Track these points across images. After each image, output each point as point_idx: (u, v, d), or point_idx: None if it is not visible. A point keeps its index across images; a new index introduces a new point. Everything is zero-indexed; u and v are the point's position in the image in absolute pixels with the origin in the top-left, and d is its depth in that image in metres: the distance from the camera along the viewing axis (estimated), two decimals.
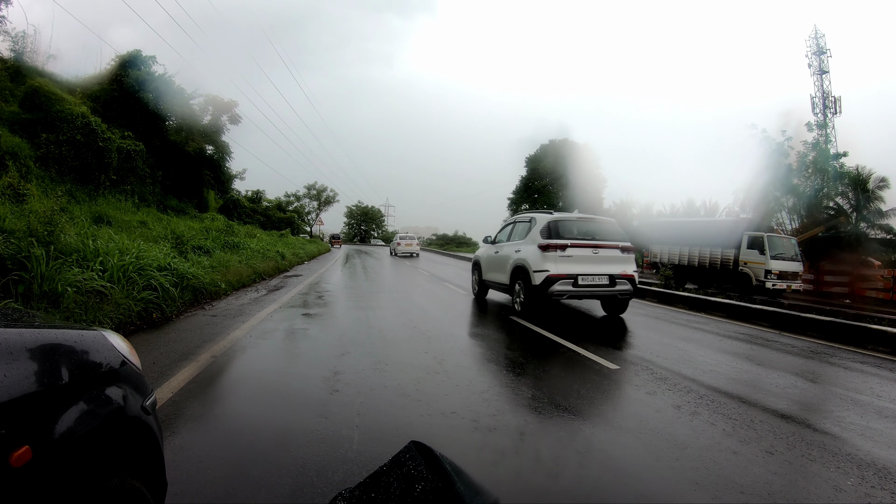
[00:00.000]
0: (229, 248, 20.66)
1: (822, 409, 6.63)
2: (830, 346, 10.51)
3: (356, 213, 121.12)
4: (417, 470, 0.96)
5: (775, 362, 8.92)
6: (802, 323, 12.46)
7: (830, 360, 9.37)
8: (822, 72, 43.39)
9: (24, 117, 20.50)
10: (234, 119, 36.79)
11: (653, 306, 16.78)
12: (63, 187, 17.28)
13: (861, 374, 8.40)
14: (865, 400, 6.81)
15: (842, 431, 5.53)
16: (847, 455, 4.82)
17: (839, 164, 39.99)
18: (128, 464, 2.19)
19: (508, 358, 8.26)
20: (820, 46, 43.64)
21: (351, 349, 8.18)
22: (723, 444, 4.94)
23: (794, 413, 6.09)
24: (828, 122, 42.88)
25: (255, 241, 25.97)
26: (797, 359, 9.29)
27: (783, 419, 5.81)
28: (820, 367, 8.84)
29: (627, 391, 6.65)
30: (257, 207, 55.82)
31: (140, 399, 2.36)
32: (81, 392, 1.96)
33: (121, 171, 24.17)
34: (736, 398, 6.50)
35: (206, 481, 3.66)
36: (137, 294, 9.55)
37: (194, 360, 6.93)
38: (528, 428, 5.14)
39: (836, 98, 43.14)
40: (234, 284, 15.03)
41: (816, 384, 7.80)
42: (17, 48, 26.67)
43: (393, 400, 5.77)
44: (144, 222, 19.05)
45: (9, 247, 8.00)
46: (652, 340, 10.28)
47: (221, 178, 38.83)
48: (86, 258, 9.63)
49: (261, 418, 5.11)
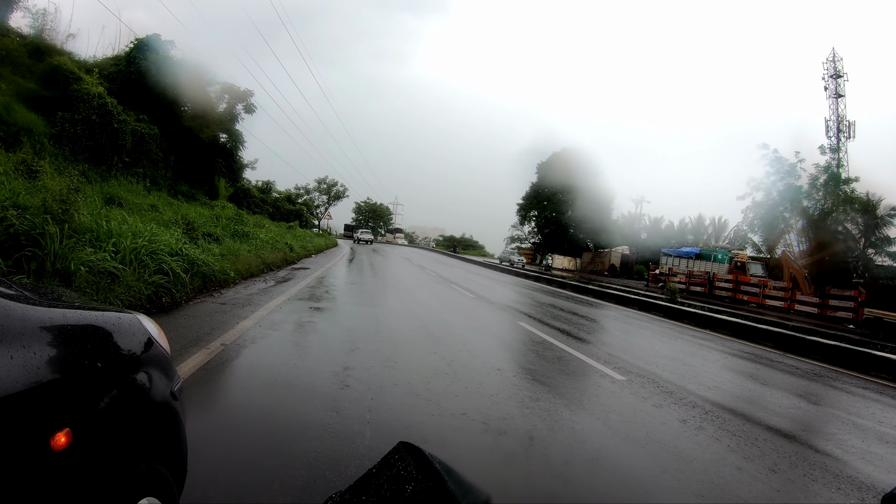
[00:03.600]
0: (239, 236, 20.62)
1: (825, 430, 6.69)
2: (834, 370, 10.56)
3: (364, 210, 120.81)
4: (407, 471, 0.96)
5: (779, 382, 8.97)
6: (806, 345, 12.50)
7: (833, 383, 9.41)
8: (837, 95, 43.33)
9: (42, 94, 20.46)
10: (249, 108, 36.79)
11: (659, 321, 16.82)
12: (78, 167, 17.34)
13: (863, 399, 8.44)
14: (867, 424, 6.87)
15: (843, 454, 5.58)
16: (848, 477, 4.88)
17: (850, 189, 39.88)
18: (155, 449, 2.21)
19: (517, 363, 8.30)
20: (837, 70, 43.54)
21: (360, 345, 8.21)
22: (727, 459, 5.00)
23: (796, 433, 6.15)
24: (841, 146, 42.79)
25: (264, 231, 25.88)
26: (801, 380, 9.33)
27: (786, 438, 5.87)
28: (823, 390, 8.89)
29: (634, 403, 6.67)
30: (267, 198, 55.74)
31: (169, 384, 2.37)
32: (118, 375, 1.97)
33: (134, 154, 24.19)
34: (740, 415, 6.56)
35: (220, 469, 3.69)
36: (149, 277, 9.56)
37: (204, 348, 6.92)
38: (536, 433, 5.18)
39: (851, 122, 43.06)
40: (243, 273, 15.04)
41: (819, 406, 7.86)
42: (37, 25, 26.59)
43: (403, 398, 5.81)
44: (155, 206, 19.04)
45: (23, 223, 7.97)
46: (658, 354, 10.33)
47: (233, 166, 38.78)
48: (99, 238, 9.60)
49: (272, 409, 5.12)
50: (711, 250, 49.46)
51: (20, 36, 24.45)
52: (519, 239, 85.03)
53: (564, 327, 12.28)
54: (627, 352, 10.24)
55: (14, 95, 18.00)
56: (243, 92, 36.19)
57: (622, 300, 22.10)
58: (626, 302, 21.71)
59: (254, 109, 37.02)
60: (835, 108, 42.78)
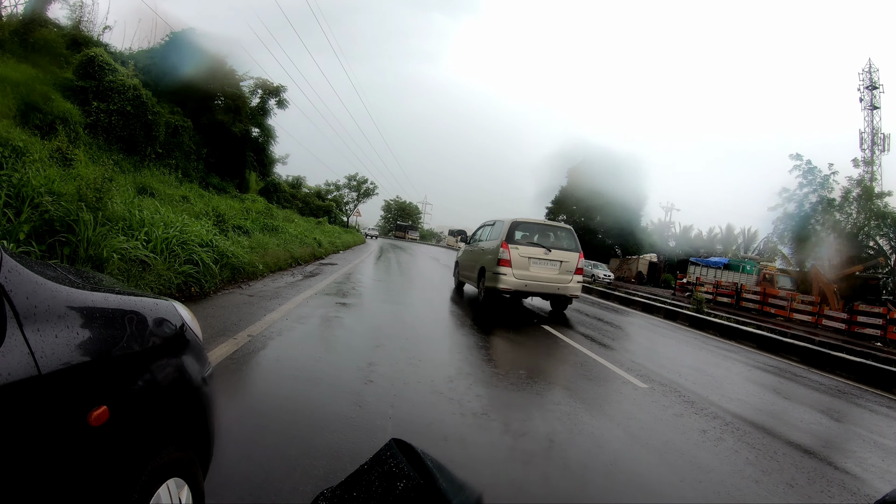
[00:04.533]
0: (268, 230, 20.85)
1: (845, 448, 6.64)
2: (858, 387, 10.44)
3: (393, 208, 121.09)
4: (399, 468, 0.97)
5: (802, 397, 8.90)
6: (832, 361, 12.37)
7: (857, 400, 9.31)
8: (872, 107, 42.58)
9: (77, 84, 20.74)
10: (282, 103, 36.93)
11: (684, 330, 16.71)
12: (112, 156, 17.59)
13: (886, 417, 8.36)
14: (889, 444, 6.80)
15: (862, 472, 5.55)
16: (866, 496, 4.86)
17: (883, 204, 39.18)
18: (184, 431, 2.30)
19: (540, 367, 8.35)
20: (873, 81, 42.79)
21: (385, 342, 8.31)
22: (745, 471, 5.00)
23: (816, 449, 6.12)
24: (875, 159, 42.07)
25: (294, 226, 26.15)
26: (824, 396, 9.26)
27: (805, 454, 5.85)
28: (846, 407, 8.80)
29: (655, 411, 6.68)
30: (297, 193, 55.87)
31: (200, 370, 2.47)
32: (153, 358, 2.05)
33: (167, 145, 24.53)
34: (761, 428, 6.54)
35: (243, 455, 3.77)
36: (179, 267, 9.75)
37: (231, 338, 7.06)
38: (556, 437, 5.24)
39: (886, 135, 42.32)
40: (271, 266, 15.23)
41: (841, 423, 7.80)
42: (74, 17, 26.98)
43: (426, 396, 5.89)
44: (186, 197, 19.23)
45: (58, 209, 8.13)
46: (682, 363, 10.31)
47: (264, 160, 39.01)
48: (131, 227, 9.81)
49: (296, 400, 5.21)
50: (740, 261, 49.03)
51: (58, 27, 24.88)
52: None
53: (589, 332, 12.27)
54: (651, 360, 10.21)
55: (51, 85, 18.27)
56: (276, 87, 36.37)
57: (648, 308, 21.93)
58: (651, 310, 21.54)
59: (286, 105, 37.21)
60: (870, 119, 42.10)
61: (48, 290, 1.56)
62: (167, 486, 2.04)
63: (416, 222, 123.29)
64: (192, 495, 2.29)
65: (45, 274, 1.62)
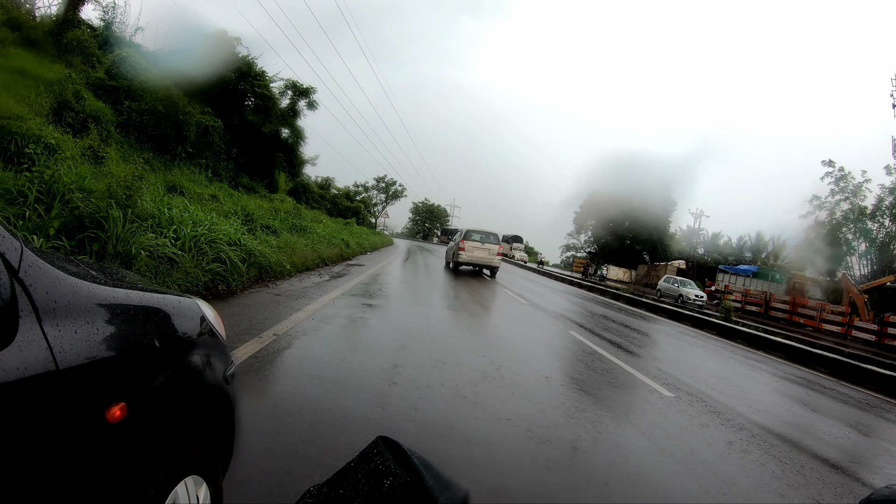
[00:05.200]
0: (296, 230, 21.06)
1: (873, 464, 6.53)
2: (888, 401, 10.27)
3: (422, 210, 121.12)
4: (385, 465, 0.96)
5: (830, 410, 8.77)
6: (861, 373, 12.18)
7: (886, 415, 9.16)
8: None
9: (109, 84, 21.07)
10: (312, 105, 37.24)
11: (712, 339, 16.58)
12: (143, 155, 17.84)
13: None
14: None
15: None
16: None
17: None
18: (204, 429, 2.32)
19: (567, 373, 8.28)
20: None
21: (410, 344, 8.32)
22: (771, 485, 4.95)
23: (844, 464, 6.03)
24: None
25: (322, 226, 26.35)
26: (853, 410, 9.11)
27: (833, 469, 5.76)
28: (875, 422, 8.65)
29: (681, 421, 6.62)
30: (325, 194, 56.24)
31: (223, 368, 2.48)
32: (174, 356, 2.07)
33: (197, 145, 24.89)
34: (788, 441, 6.46)
35: (264, 454, 3.80)
36: (206, 265, 9.85)
37: (257, 337, 7.11)
38: (580, 444, 5.21)
39: None
40: (299, 266, 15.34)
41: (869, 438, 7.66)
42: (107, 18, 27.67)
43: (450, 399, 5.88)
44: (216, 196, 19.45)
45: (88, 205, 8.24)
46: (709, 373, 10.21)
47: (293, 161, 39.34)
48: (160, 225, 9.95)
49: (319, 400, 5.21)
50: (769, 270, 48.45)
51: (90, 27, 25.47)
52: (574, 248, 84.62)
53: (615, 339, 12.22)
54: (677, 368, 10.13)
55: (83, 84, 18.55)
56: (306, 88, 36.67)
57: (675, 315, 21.85)
58: (678, 317, 21.45)
59: (316, 106, 37.46)
60: None
61: (69, 285, 1.56)
62: (185, 484, 2.07)
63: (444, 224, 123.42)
64: (210, 493, 2.31)
65: (66, 269, 1.62)
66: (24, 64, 16.02)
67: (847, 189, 43.30)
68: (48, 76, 16.02)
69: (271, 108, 32.86)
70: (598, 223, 74.27)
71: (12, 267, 1.32)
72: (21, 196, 7.89)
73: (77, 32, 21.46)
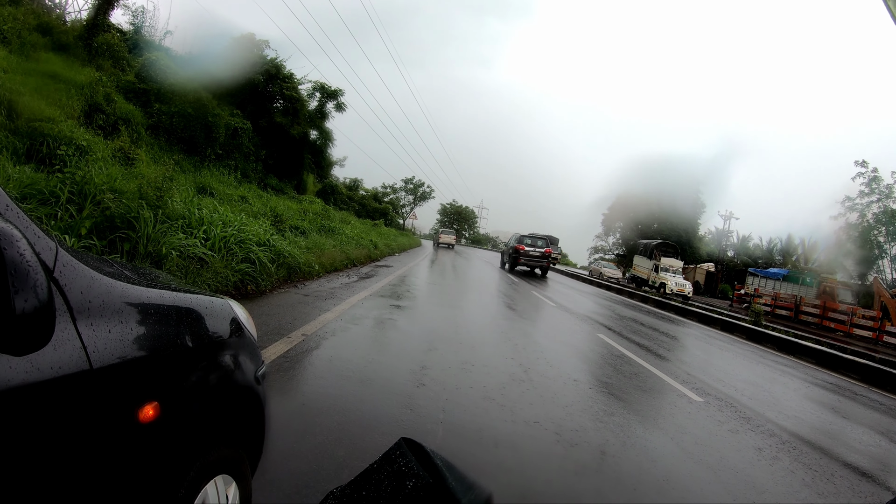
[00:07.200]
0: (324, 231, 21.27)
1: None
2: None
3: (449, 212, 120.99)
4: (408, 467, 0.95)
5: (862, 417, 8.64)
6: (893, 380, 11.98)
7: None
8: None
9: (139, 87, 21.45)
10: (340, 107, 37.42)
11: (741, 343, 16.42)
12: (173, 156, 18.05)
13: None
14: None
15: None
16: None
17: None
18: (235, 430, 2.34)
19: (595, 376, 8.25)
20: None
21: (438, 346, 8.37)
22: (801, 494, 4.90)
23: (874, 472, 5.95)
24: None
25: (350, 227, 26.54)
26: (884, 417, 8.96)
27: (863, 477, 5.69)
28: None
29: (710, 426, 6.57)
30: (354, 195, 56.57)
31: (254, 368, 2.49)
32: (206, 356, 2.10)
33: (226, 147, 25.21)
34: (818, 448, 6.38)
35: (293, 453, 3.83)
36: (236, 265, 9.97)
37: (286, 337, 7.19)
38: (609, 448, 5.20)
39: None
40: (327, 267, 15.50)
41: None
42: (137, 22, 28.11)
43: (478, 401, 5.90)
44: (245, 197, 19.64)
45: (119, 206, 8.38)
46: (738, 378, 10.11)
47: (322, 163, 39.62)
48: (190, 225, 10.09)
49: (347, 400, 5.25)
50: (800, 273, 47.79)
51: (120, 32, 25.86)
52: (602, 250, 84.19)
53: (644, 342, 12.16)
54: (706, 372, 10.04)
55: (114, 87, 18.83)
56: (334, 90, 36.88)
57: (704, 319, 21.62)
58: (707, 321, 21.22)
59: (344, 108, 37.68)
60: None
61: (103, 285, 1.57)
62: (215, 483, 2.09)
63: (472, 226, 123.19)
64: (239, 492, 2.34)
65: (101, 269, 1.63)
66: (56, 68, 16.33)
67: (878, 190, 42.58)
68: (79, 80, 16.29)
69: (300, 111, 33.13)
70: (627, 225, 73.84)
71: (47, 267, 1.33)
72: (53, 196, 8.08)
73: (107, 37, 21.82)
